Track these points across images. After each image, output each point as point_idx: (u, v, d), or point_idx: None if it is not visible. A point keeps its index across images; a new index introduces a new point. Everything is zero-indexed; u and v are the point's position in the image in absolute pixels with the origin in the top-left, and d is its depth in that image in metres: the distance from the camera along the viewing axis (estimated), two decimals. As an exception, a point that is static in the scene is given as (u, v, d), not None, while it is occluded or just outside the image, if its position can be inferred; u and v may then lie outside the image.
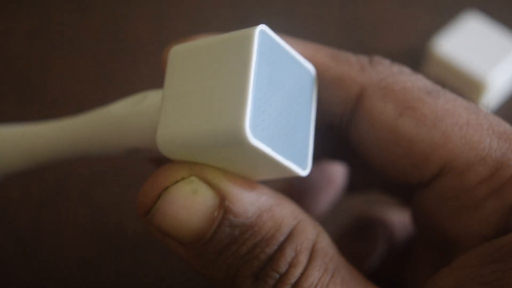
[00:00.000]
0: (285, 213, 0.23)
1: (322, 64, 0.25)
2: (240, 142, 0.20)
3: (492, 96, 0.46)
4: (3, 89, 0.47)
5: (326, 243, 0.23)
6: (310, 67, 0.24)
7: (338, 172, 0.32)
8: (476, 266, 0.22)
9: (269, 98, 0.21)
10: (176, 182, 0.22)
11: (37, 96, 0.46)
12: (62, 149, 0.27)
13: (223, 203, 0.22)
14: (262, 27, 0.21)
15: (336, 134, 0.26)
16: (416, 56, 0.49)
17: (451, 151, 0.23)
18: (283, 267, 0.22)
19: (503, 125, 0.24)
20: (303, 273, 0.23)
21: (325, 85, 0.25)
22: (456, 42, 0.47)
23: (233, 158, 0.22)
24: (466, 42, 0.47)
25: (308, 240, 0.23)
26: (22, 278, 0.38)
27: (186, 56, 0.23)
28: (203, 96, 0.21)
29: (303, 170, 0.23)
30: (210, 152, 0.22)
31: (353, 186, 0.33)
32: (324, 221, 0.38)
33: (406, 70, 0.25)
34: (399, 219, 0.33)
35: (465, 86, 0.46)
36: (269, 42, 0.22)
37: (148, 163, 0.28)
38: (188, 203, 0.22)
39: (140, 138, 0.23)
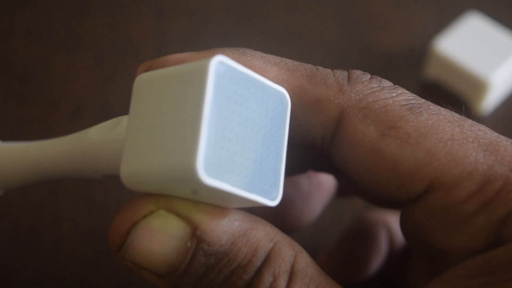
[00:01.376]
0: (260, 236, 0.23)
1: (299, 87, 0.24)
2: (194, 181, 0.20)
3: (494, 96, 0.46)
4: (3, 89, 0.47)
5: (305, 263, 0.23)
6: (281, 91, 0.23)
7: (326, 178, 0.32)
8: (465, 277, 0.22)
9: (228, 132, 0.21)
10: (145, 216, 0.22)
11: (37, 96, 0.46)
12: (45, 170, 0.27)
13: (195, 233, 0.22)
14: (219, 58, 0.21)
15: (319, 154, 0.26)
16: (418, 56, 0.49)
17: (437, 169, 0.23)
18: None
19: (489, 136, 0.24)
20: None
21: (303, 108, 0.24)
22: (458, 42, 0.46)
23: (197, 192, 0.22)
24: (467, 42, 0.47)
25: (286, 262, 0.23)
26: (22, 278, 0.38)
27: (148, 87, 0.22)
28: (162, 131, 0.21)
29: (271, 200, 0.22)
30: (172, 187, 0.22)
31: (342, 193, 0.33)
32: (326, 224, 0.38)
33: (386, 85, 0.25)
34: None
35: (466, 86, 0.46)
36: (229, 73, 0.21)
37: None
38: (159, 236, 0.22)
39: (114, 165, 0.23)
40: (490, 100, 0.46)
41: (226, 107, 0.21)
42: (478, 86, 0.45)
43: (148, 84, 0.22)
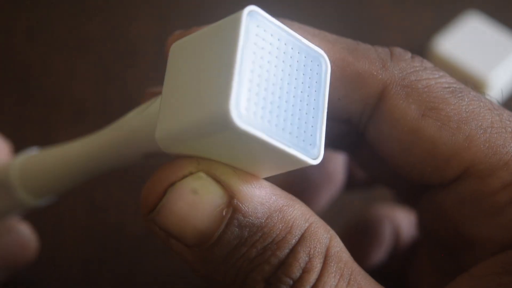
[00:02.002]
0: (296, 214, 0.22)
1: (340, 59, 0.24)
2: (227, 126, 0.19)
3: (493, 96, 0.46)
4: (3, 89, 0.47)
5: (339, 248, 0.22)
6: (320, 52, 0.22)
7: (338, 168, 0.32)
8: (497, 274, 0.22)
9: (264, 81, 0.20)
10: (184, 177, 0.21)
11: (37, 96, 0.46)
12: (91, 167, 0.27)
13: (231, 202, 0.21)
14: (252, 7, 0.20)
15: (352, 128, 0.26)
16: (417, 56, 0.49)
17: (474, 155, 0.23)
18: (296, 273, 0.21)
19: None
20: (318, 279, 0.21)
21: (344, 81, 0.24)
22: (457, 42, 0.47)
23: (233, 149, 0.21)
24: (466, 42, 0.47)
25: (321, 244, 0.22)
26: (21, 278, 0.38)
27: (183, 51, 0.22)
28: (195, 86, 0.20)
29: (312, 159, 0.21)
30: (208, 143, 0.21)
31: (356, 180, 0.33)
32: (330, 216, 0.38)
33: (428, 65, 0.24)
34: (406, 217, 0.33)
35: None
36: (264, 24, 0.20)
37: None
38: (195, 200, 0.21)
39: (152, 140, 0.22)
40: (496, 102, 0.46)
41: (261, 56, 0.20)
42: (477, 86, 0.45)
43: (183, 47, 0.22)
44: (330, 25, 0.52)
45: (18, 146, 0.35)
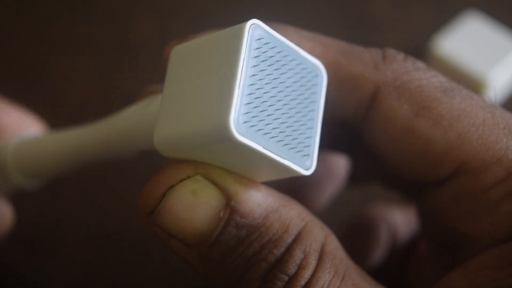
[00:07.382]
0: (292, 214, 0.23)
1: (334, 62, 0.24)
2: (225, 139, 0.20)
3: (492, 95, 0.46)
4: (4, 89, 0.47)
5: (335, 246, 0.23)
6: (317, 63, 0.23)
7: (340, 164, 0.32)
8: (490, 268, 0.22)
9: (263, 94, 0.21)
10: (181, 180, 0.22)
11: (37, 96, 0.46)
12: (86, 156, 0.27)
13: (229, 203, 0.22)
14: (254, 21, 0.21)
15: (348, 130, 0.26)
16: (416, 56, 0.49)
17: (467, 152, 0.23)
18: (292, 269, 0.22)
19: None
20: (312, 276, 0.22)
21: (338, 83, 0.24)
22: (456, 42, 0.47)
23: (230, 157, 0.21)
24: (466, 42, 0.47)
25: (317, 241, 0.23)
26: (22, 278, 0.38)
27: (184, 56, 0.22)
28: (195, 95, 0.21)
29: (305, 169, 0.22)
30: (205, 151, 0.21)
31: (355, 179, 0.33)
32: (326, 217, 0.38)
33: (421, 65, 0.25)
34: (402, 217, 0.33)
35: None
36: (265, 37, 0.21)
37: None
38: (193, 202, 0.22)
39: (150, 139, 0.23)
40: (489, 100, 0.46)
41: (261, 69, 0.21)
42: (477, 85, 0.45)
43: (184, 53, 0.22)
44: (329, 25, 0.52)
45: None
